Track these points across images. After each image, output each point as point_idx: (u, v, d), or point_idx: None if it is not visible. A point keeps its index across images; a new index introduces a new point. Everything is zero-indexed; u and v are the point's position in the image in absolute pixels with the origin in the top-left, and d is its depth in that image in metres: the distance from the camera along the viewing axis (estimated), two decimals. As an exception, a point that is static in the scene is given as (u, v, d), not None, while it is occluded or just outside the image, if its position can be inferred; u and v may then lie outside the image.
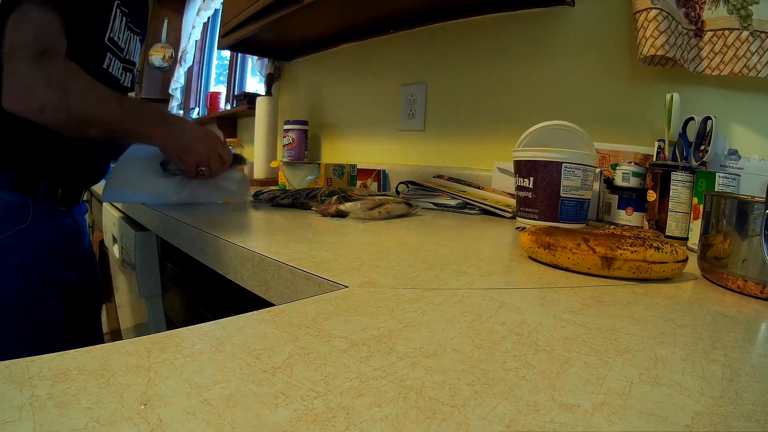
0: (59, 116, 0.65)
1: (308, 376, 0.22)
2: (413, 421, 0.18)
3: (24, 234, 0.71)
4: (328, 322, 0.29)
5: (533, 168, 0.74)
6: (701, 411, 0.20)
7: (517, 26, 1.11)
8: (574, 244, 0.46)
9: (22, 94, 0.63)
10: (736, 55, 0.75)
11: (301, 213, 0.82)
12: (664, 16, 0.77)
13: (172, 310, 0.93)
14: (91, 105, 0.68)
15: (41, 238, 0.74)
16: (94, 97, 0.69)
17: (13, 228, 0.70)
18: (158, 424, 0.17)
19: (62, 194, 0.78)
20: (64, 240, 0.80)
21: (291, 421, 0.18)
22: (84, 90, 0.68)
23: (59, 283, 0.78)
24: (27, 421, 0.17)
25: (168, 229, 0.74)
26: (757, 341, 0.31)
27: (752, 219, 0.40)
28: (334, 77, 1.67)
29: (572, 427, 0.19)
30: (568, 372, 0.24)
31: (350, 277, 0.39)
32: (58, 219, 0.79)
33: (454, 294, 0.36)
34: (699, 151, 0.71)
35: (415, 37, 1.35)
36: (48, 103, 0.64)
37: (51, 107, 0.64)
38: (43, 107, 0.64)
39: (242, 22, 1.44)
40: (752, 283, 0.40)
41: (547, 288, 0.40)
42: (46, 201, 0.75)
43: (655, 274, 0.44)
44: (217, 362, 0.23)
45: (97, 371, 0.21)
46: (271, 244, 0.53)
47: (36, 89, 0.63)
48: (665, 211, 0.69)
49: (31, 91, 0.63)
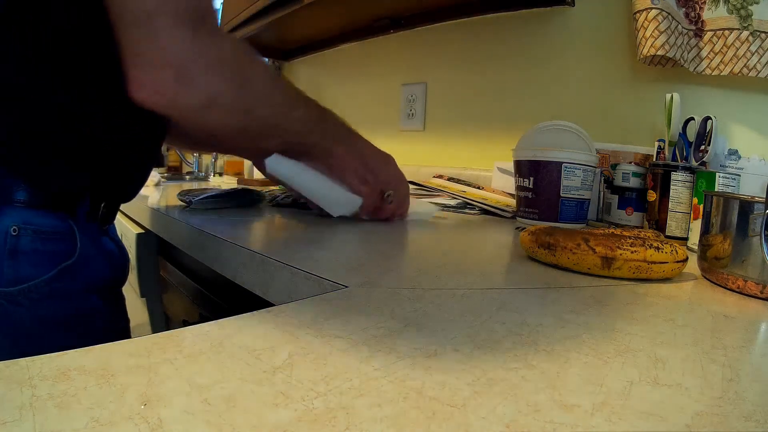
0: (234, 118, 0.46)
1: (308, 376, 0.22)
2: (413, 421, 0.18)
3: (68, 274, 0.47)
4: (328, 322, 0.29)
5: (533, 168, 0.74)
6: (701, 411, 0.20)
7: (517, 26, 1.11)
8: (574, 244, 0.46)
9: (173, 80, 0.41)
10: (736, 55, 0.75)
11: (301, 213, 0.82)
12: (664, 16, 0.77)
13: (172, 310, 0.93)
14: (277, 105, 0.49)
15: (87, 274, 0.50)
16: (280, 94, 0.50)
17: (55, 267, 0.46)
18: (158, 424, 0.17)
19: (104, 210, 0.53)
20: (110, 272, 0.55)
21: (291, 421, 0.18)
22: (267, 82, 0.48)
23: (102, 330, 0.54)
24: (27, 421, 0.17)
25: (168, 229, 0.74)
26: (757, 341, 0.31)
27: (752, 219, 0.40)
28: (334, 77, 1.67)
29: (572, 427, 0.19)
30: (568, 372, 0.24)
31: (350, 277, 0.39)
32: (105, 245, 0.54)
33: (454, 294, 0.36)
34: (699, 151, 0.71)
35: (415, 37, 1.35)
36: (221, 95, 0.44)
37: (226, 102, 0.44)
38: (212, 101, 0.43)
39: (242, 22, 1.44)
40: (752, 283, 0.40)
41: (547, 288, 0.40)
42: (87, 222, 0.51)
43: (655, 274, 0.44)
44: (217, 362, 0.23)
45: (97, 371, 0.21)
46: (271, 244, 0.53)
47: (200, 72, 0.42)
48: (665, 211, 0.69)
49: (189, 74, 0.41)
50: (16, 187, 0.45)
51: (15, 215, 0.45)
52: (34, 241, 0.45)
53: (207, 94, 0.43)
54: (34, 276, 0.45)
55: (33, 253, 0.45)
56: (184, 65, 0.41)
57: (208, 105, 0.43)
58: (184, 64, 0.41)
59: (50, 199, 0.47)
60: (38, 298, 0.46)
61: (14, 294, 0.44)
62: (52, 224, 0.47)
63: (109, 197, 0.54)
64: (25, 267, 0.45)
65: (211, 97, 0.43)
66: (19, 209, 0.45)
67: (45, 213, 0.46)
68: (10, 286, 0.44)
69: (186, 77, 0.41)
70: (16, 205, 0.45)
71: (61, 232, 0.48)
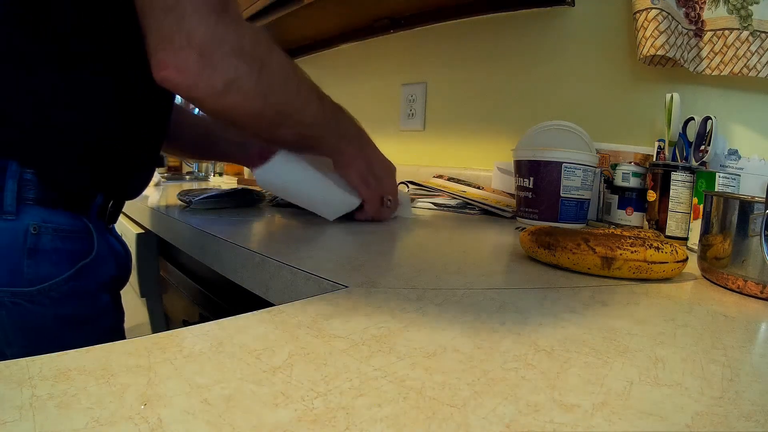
0: (252, 103, 0.47)
1: (308, 376, 0.22)
2: (413, 421, 0.18)
3: (85, 273, 0.48)
4: (328, 322, 0.29)
5: (533, 168, 0.74)
6: (701, 411, 0.20)
7: (517, 26, 1.11)
8: (574, 244, 0.46)
9: (197, 62, 0.42)
10: (736, 55, 0.75)
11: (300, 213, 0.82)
12: (664, 16, 0.77)
13: (171, 310, 0.93)
14: (293, 94, 0.50)
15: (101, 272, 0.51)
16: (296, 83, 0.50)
17: (74, 266, 0.47)
18: (158, 424, 0.17)
19: (112, 209, 0.55)
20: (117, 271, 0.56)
21: (291, 421, 0.18)
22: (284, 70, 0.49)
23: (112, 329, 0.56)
24: (27, 421, 0.17)
25: (168, 229, 0.74)
26: (757, 341, 0.31)
27: (752, 219, 0.40)
28: (334, 77, 1.67)
29: (572, 427, 0.19)
30: (568, 372, 0.24)
31: (350, 277, 0.39)
32: (112, 244, 0.56)
33: (454, 294, 0.36)
34: (699, 151, 0.71)
35: (415, 37, 1.35)
36: (240, 79, 0.45)
37: (244, 87, 0.45)
38: (231, 84, 0.45)
39: (242, 22, 1.44)
40: (752, 283, 0.40)
41: (547, 288, 0.40)
42: (98, 220, 0.52)
43: (655, 274, 0.44)
44: (217, 362, 0.23)
45: (97, 371, 0.21)
46: (271, 244, 0.53)
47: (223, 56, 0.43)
48: (665, 211, 0.69)
49: (212, 57, 0.43)
50: (31, 185, 0.45)
51: (34, 214, 0.45)
52: (54, 239, 0.46)
53: (227, 77, 0.44)
54: (54, 275, 0.46)
55: (53, 251, 0.46)
56: (207, 48, 0.43)
57: (228, 88, 0.45)
58: (207, 47, 0.43)
59: (64, 198, 0.47)
60: (58, 297, 0.46)
61: (33, 294, 0.45)
62: (70, 223, 0.47)
63: (117, 196, 0.55)
64: (45, 266, 0.45)
65: (230, 80, 0.45)
66: (36, 208, 0.45)
67: (62, 212, 0.47)
68: (30, 286, 0.44)
69: (208, 60, 0.43)
70: (31, 204, 0.45)
71: (79, 231, 0.48)
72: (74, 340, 0.46)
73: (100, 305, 0.52)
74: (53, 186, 0.46)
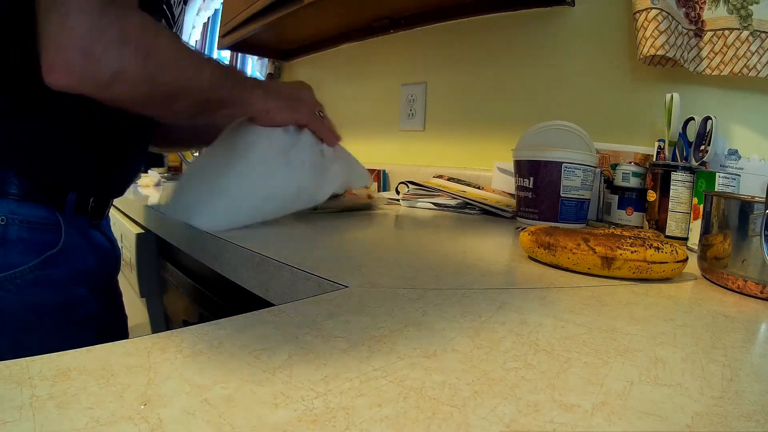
0: (140, 88, 0.48)
1: (308, 376, 0.22)
2: (413, 421, 0.18)
3: (52, 263, 0.52)
4: (328, 322, 0.29)
5: (533, 168, 0.74)
6: (701, 411, 0.20)
7: (517, 26, 1.11)
8: (574, 244, 0.46)
9: (79, 59, 0.42)
10: (736, 55, 0.75)
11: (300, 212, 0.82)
12: (664, 16, 0.77)
13: (172, 310, 0.93)
14: (182, 70, 0.51)
15: (72, 264, 0.54)
16: (185, 59, 0.52)
17: (38, 256, 0.50)
18: (158, 424, 0.17)
19: (93, 205, 0.58)
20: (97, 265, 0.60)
21: (291, 421, 0.18)
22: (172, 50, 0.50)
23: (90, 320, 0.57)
24: (27, 421, 0.17)
25: (168, 229, 0.74)
26: (757, 341, 0.31)
27: (752, 219, 0.40)
28: (334, 77, 1.67)
29: (572, 427, 0.19)
30: (568, 372, 0.24)
31: (350, 277, 0.39)
32: (94, 239, 0.60)
33: (454, 294, 0.36)
34: (699, 151, 0.71)
35: (415, 37, 1.35)
36: (125, 68, 0.45)
37: (130, 75, 0.46)
38: (117, 75, 0.45)
39: (242, 22, 1.45)
40: (752, 283, 0.40)
41: (547, 288, 0.40)
42: (75, 215, 0.56)
43: (655, 274, 0.44)
44: (217, 362, 0.23)
45: (97, 371, 0.21)
46: (271, 244, 0.53)
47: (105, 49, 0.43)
48: (665, 211, 0.69)
49: (94, 52, 0.43)
50: (8, 180, 0.49)
51: (4, 206, 0.49)
52: (21, 230, 0.50)
53: (112, 69, 0.45)
54: (20, 263, 0.49)
55: (20, 241, 0.50)
56: (89, 43, 0.43)
57: (114, 79, 0.45)
58: (88, 42, 0.43)
59: (39, 193, 0.51)
60: (24, 284, 0.49)
61: (1, 280, 0.48)
62: (41, 215, 0.51)
63: (97, 192, 0.59)
64: (13, 254, 0.49)
65: (116, 72, 0.45)
66: (8, 201, 0.49)
67: (35, 205, 0.51)
68: None
69: (91, 55, 0.43)
70: (9, 198, 0.49)
71: (48, 224, 0.52)
72: (46, 327, 0.51)
73: (76, 296, 0.55)
74: (28, 180, 0.50)
